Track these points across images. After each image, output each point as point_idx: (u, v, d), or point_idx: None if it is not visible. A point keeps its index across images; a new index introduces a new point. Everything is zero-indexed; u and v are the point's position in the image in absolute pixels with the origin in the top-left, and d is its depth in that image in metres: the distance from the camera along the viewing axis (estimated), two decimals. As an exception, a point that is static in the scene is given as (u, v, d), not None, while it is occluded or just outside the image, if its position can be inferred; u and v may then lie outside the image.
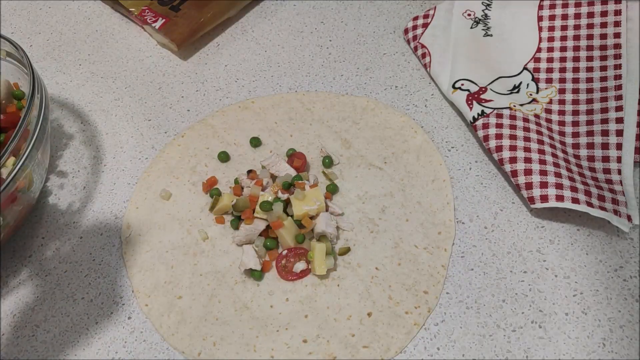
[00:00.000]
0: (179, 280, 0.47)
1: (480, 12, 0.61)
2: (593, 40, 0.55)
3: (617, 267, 0.45)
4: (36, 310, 0.46)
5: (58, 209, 0.53)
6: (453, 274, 0.46)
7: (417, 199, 0.50)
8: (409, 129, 0.55)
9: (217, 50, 0.65)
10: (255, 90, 0.60)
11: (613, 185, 0.48)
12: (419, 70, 0.61)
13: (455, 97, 0.55)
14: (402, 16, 0.66)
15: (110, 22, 0.70)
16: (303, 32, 0.66)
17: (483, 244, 0.47)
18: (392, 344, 0.42)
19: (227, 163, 0.54)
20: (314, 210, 0.47)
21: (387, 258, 0.47)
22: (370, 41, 0.64)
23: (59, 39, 0.68)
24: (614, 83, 0.52)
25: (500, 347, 0.42)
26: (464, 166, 0.52)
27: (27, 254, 0.50)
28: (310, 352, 0.42)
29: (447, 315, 0.44)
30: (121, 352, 0.44)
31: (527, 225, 0.48)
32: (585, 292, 0.44)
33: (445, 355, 0.42)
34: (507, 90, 0.55)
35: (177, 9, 0.66)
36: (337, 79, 0.61)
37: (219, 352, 0.43)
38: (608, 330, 0.42)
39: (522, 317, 0.43)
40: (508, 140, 0.50)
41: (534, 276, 0.45)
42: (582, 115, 0.52)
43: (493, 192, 0.50)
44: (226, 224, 0.49)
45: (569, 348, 0.41)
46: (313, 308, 0.44)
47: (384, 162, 0.53)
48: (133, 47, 0.66)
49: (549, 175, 0.47)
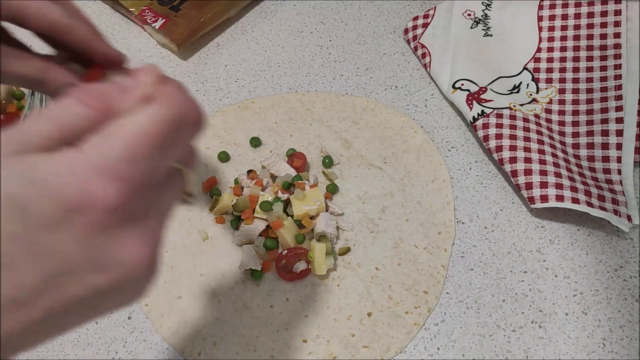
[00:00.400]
0: (179, 280, 0.47)
1: (480, 12, 0.61)
2: (593, 40, 0.55)
3: (617, 267, 0.45)
4: (36, 310, 0.46)
5: (58, 209, 0.53)
6: (453, 274, 0.46)
7: (417, 199, 0.50)
8: (409, 129, 0.55)
9: (217, 50, 0.65)
10: (255, 90, 0.60)
11: (613, 185, 0.48)
12: (419, 70, 0.61)
13: (455, 97, 0.55)
14: (402, 16, 0.66)
15: (110, 22, 0.70)
16: (303, 32, 0.66)
17: (483, 244, 0.47)
18: (392, 344, 0.42)
19: (227, 163, 0.54)
20: (314, 210, 0.47)
21: (387, 258, 0.47)
22: (370, 41, 0.64)
23: (59, 39, 0.68)
24: (614, 83, 0.52)
25: (500, 347, 0.42)
26: (464, 166, 0.52)
27: (27, 254, 0.50)
28: (310, 352, 0.42)
29: (447, 315, 0.44)
30: (121, 352, 0.44)
31: (527, 225, 0.48)
32: (585, 292, 0.44)
33: (445, 355, 0.42)
34: (507, 90, 0.55)
35: (177, 9, 0.66)
36: (337, 79, 0.61)
37: (219, 352, 0.43)
38: (608, 330, 0.42)
39: (522, 317, 0.43)
40: (508, 140, 0.50)
41: (534, 276, 0.45)
42: (582, 115, 0.52)
43: (493, 192, 0.50)
44: (226, 224, 0.49)
45: (569, 348, 0.41)
46: (313, 308, 0.44)
47: (384, 162, 0.53)
48: (133, 47, 0.66)
49: (549, 175, 0.47)
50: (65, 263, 0.19)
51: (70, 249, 0.18)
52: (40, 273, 0.18)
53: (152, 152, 0.19)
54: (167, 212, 0.22)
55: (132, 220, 0.20)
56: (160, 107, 0.20)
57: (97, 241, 0.19)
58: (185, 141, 0.22)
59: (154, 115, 0.20)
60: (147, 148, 0.19)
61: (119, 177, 0.18)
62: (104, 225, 0.19)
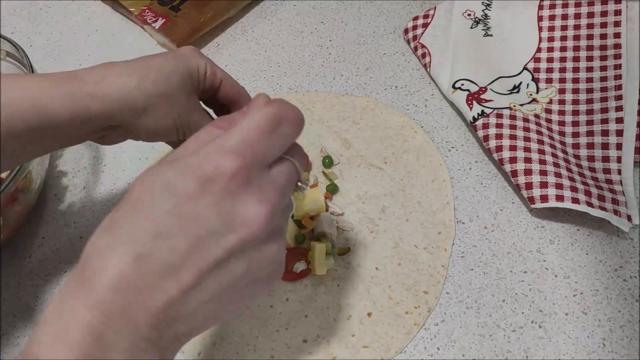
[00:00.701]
0: (179, 280, 0.47)
1: (480, 12, 0.61)
2: (593, 40, 0.55)
3: (617, 267, 0.45)
4: (36, 310, 0.46)
5: (58, 209, 0.53)
6: (453, 274, 0.46)
7: (417, 199, 0.50)
8: (409, 129, 0.55)
9: (217, 50, 0.65)
10: (255, 90, 0.60)
11: (613, 185, 0.48)
12: (419, 70, 0.61)
13: (455, 97, 0.55)
14: (402, 16, 0.66)
15: (110, 22, 0.70)
16: (303, 32, 0.66)
17: (483, 244, 0.47)
18: (392, 344, 0.42)
19: (227, 163, 0.54)
20: (314, 210, 0.47)
21: (387, 258, 0.47)
22: (370, 41, 0.64)
23: (59, 39, 0.68)
24: (614, 83, 0.52)
25: (500, 347, 0.42)
26: (464, 166, 0.52)
27: (27, 254, 0.50)
28: (310, 352, 0.42)
29: (447, 315, 0.44)
30: (121, 352, 0.43)
31: (527, 225, 0.48)
32: (585, 292, 0.44)
33: (445, 355, 0.42)
34: (507, 90, 0.55)
35: (177, 9, 0.66)
36: (337, 79, 0.61)
37: (219, 352, 0.43)
38: (608, 330, 0.42)
39: (522, 317, 0.43)
40: (508, 140, 0.50)
41: (534, 276, 0.45)
42: (582, 115, 0.52)
43: (493, 192, 0.50)
44: (226, 224, 0.49)
45: (569, 348, 0.41)
46: (313, 308, 0.44)
47: (384, 162, 0.53)
48: (133, 47, 0.66)
49: (549, 175, 0.47)
50: (205, 227, 0.24)
51: (208, 213, 0.24)
52: (189, 238, 0.23)
53: (261, 136, 0.25)
54: (281, 188, 0.27)
55: (251, 187, 0.25)
56: (266, 107, 0.27)
57: (227, 205, 0.24)
58: (288, 131, 0.27)
59: (262, 112, 0.26)
60: (257, 133, 0.25)
61: (237, 153, 0.24)
62: (231, 190, 0.24)
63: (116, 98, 0.34)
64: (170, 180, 0.24)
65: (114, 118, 0.35)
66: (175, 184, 0.24)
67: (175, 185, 0.24)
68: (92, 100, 0.34)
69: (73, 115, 0.33)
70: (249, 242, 0.25)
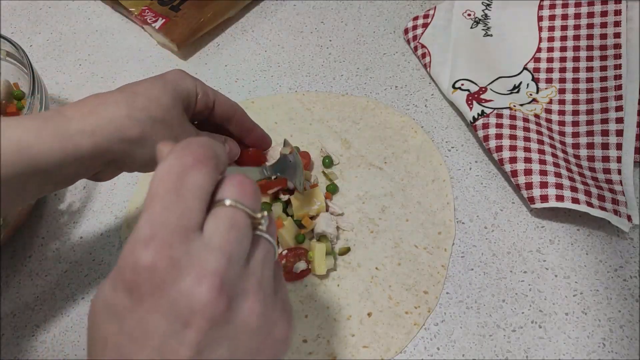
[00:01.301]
0: (179, 280, 0.47)
1: (480, 12, 0.61)
2: (593, 40, 0.55)
3: (617, 267, 0.45)
4: (36, 310, 0.46)
5: (58, 209, 0.53)
6: (453, 274, 0.46)
7: (417, 199, 0.50)
8: (409, 129, 0.55)
9: (217, 50, 0.65)
10: (255, 90, 0.60)
11: (613, 185, 0.48)
12: (419, 70, 0.61)
13: (455, 97, 0.55)
14: (402, 16, 0.66)
15: (110, 22, 0.70)
16: (303, 32, 0.66)
17: (483, 244, 0.47)
18: (392, 344, 0.42)
19: (227, 163, 0.54)
20: (314, 210, 0.47)
21: (387, 258, 0.47)
22: (370, 41, 0.64)
23: (59, 39, 0.68)
24: (614, 83, 0.52)
25: (500, 347, 0.42)
26: (464, 166, 0.52)
27: (27, 254, 0.50)
28: (310, 352, 0.42)
29: (447, 315, 0.44)
30: (121, 352, 0.44)
31: (527, 225, 0.48)
32: (585, 292, 0.44)
33: (445, 355, 0.42)
34: (507, 90, 0.55)
35: (177, 9, 0.66)
36: (337, 79, 0.61)
37: (219, 352, 0.43)
38: (608, 330, 0.42)
39: (522, 317, 0.43)
40: (508, 140, 0.50)
41: (534, 276, 0.45)
42: (582, 115, 0.52)
43: (493, 192, 0.50)
44: (226, 224, 0.49)
45: (569, 348, 0.41)
46: (313, 308, 0.44)
47: (384, 162, 0.53)
48: (133, 47, 0.66)
49: (549, 175, 0.47)
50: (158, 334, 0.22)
51: (153, 319, 0.22)
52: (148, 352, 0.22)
53: (168, 205, 0.22)
54: (224, 244, 0.23)
55: (182, 269, 0.22)
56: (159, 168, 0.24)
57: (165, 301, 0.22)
58: (200, 179, 0.23)
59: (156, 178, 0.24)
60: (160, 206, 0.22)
61: (146, 240, 0.22)
62: (160, 284, 0.22)
63: (107, 131, 0.33)
64: (107, 298, 0.22)
65: (108, 152, 0.33)
66: (112, 302, 0.22)
67: (112, 303, 0.22)
68: (81, 137, 0.32)
69: (64, 155, 0.31)
70: (213, 325, 0.22)
